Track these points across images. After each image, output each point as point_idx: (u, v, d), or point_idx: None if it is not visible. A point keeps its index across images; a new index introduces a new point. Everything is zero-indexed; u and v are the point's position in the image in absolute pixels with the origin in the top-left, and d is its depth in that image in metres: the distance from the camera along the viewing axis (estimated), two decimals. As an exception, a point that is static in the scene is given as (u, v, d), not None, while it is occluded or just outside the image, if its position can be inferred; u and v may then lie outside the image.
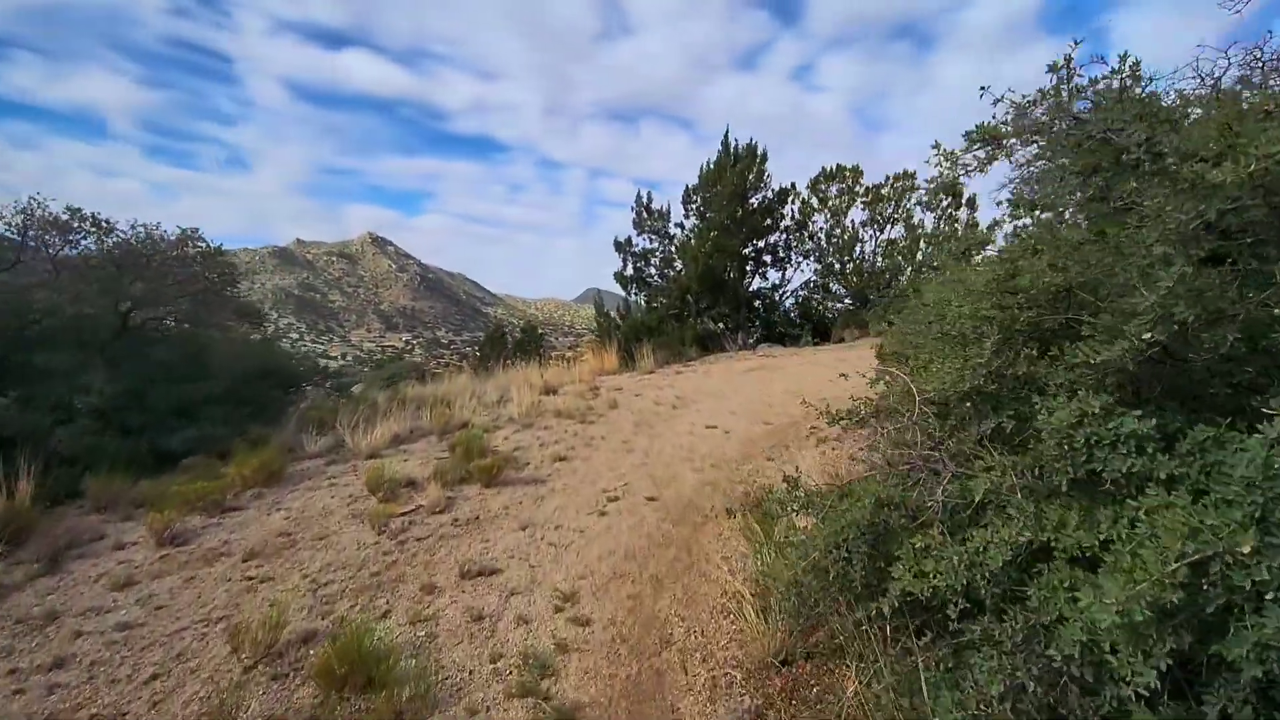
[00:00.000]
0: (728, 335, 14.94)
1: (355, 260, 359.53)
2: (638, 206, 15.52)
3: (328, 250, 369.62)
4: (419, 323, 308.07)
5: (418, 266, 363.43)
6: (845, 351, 12.32)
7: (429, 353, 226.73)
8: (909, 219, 16.50)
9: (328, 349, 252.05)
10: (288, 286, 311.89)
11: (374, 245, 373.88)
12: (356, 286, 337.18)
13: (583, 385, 10.02)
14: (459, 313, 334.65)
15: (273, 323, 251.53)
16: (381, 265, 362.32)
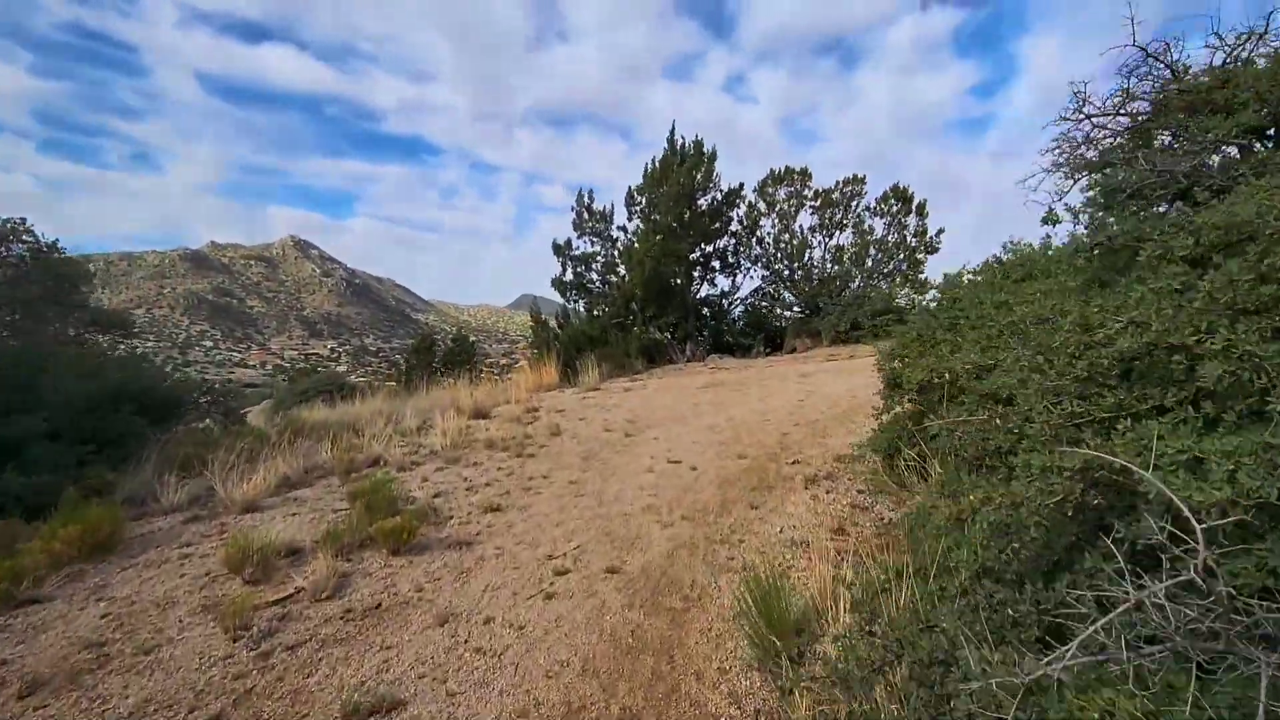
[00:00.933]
0: (675, 346, 13.98)
1: (276, 264, 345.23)
2: (578, 207, 14.39)
3: (246, 254, 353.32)
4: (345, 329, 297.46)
5: (344, 271, 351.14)
6: (801, 364, 11.54)
7: (356, 360, 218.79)
8: (859, 224, 16.02)
9: (246, 358, 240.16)
10: (200, 291, 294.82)
11: (297, 249, 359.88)
12: (277, 292, 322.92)
13: (519, 406, 8.81)
14: (388, 319, 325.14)
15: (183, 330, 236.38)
16: (305, 269, 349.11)
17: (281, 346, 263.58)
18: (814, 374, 9.28)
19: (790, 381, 8.86)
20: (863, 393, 7.49)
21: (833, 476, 4.87)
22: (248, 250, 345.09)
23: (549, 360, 12.51)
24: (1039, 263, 4.70)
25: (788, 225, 16.35)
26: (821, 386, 8.18)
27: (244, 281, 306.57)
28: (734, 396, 8.25)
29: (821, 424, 6.31)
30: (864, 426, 6.07)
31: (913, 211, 15.87)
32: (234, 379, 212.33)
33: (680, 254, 13.26)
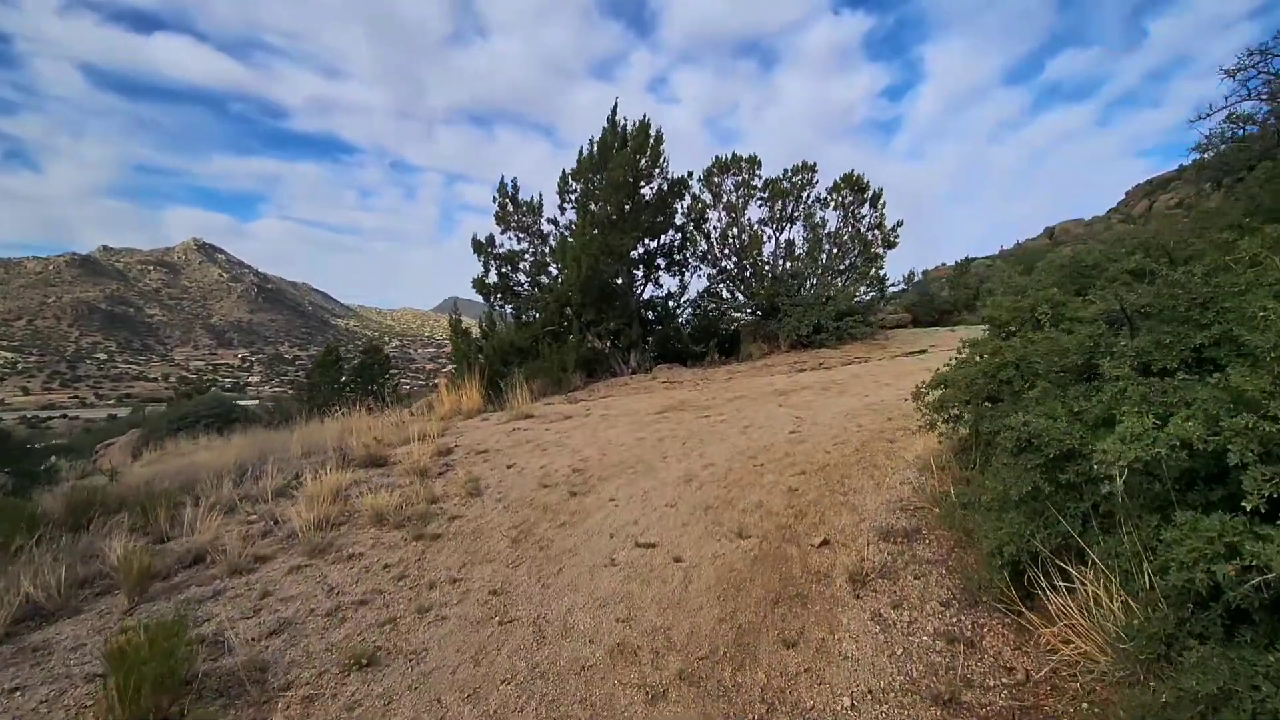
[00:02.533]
0: (618, 356, 12.23)
1: (178, 270, 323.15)
2: (501, 198, 12.43)
3: (143, 259, 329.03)
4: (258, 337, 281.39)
5: (254, 276, 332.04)
6: (767, 375, 10.01)
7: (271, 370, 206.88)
8: (810, 217, 14.69)
9: (146, 369, 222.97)
10: (92, 300, 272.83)
11: (201, 253, 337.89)
12: (180, 298, 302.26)
13: (429, 445, 6.86)
14: (304, 325, 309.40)
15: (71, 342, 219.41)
16: (210, 275, 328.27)
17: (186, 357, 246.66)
18: (793, 392, 7.73)
19: (768, 403, 7.27)
20: (868, 418, 5.97)
21: (890, 570, 3.25)
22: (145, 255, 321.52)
23: (470, 379, 10.55)
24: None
25: (736, 218, 14.86)
26: (810, 410, 6.62)
27: (142, 288, 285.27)
28: (704, 426, 6.57)
29: (835, 471, 4.71)
30: (893, 474, 4.51)
31: (867, 202, 14.69)
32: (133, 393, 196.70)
33: (622, 250, 11.53)
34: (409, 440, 7.41)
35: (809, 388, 7.83)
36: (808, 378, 8.73)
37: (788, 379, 8.87)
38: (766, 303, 13.07)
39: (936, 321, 15.78)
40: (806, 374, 9.26)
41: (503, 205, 12.44)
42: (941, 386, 4.19)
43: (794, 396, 7.43)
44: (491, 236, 12.39)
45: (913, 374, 7.76)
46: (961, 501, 3.18)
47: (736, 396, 7.97)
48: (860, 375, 8.23)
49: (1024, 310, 3.63)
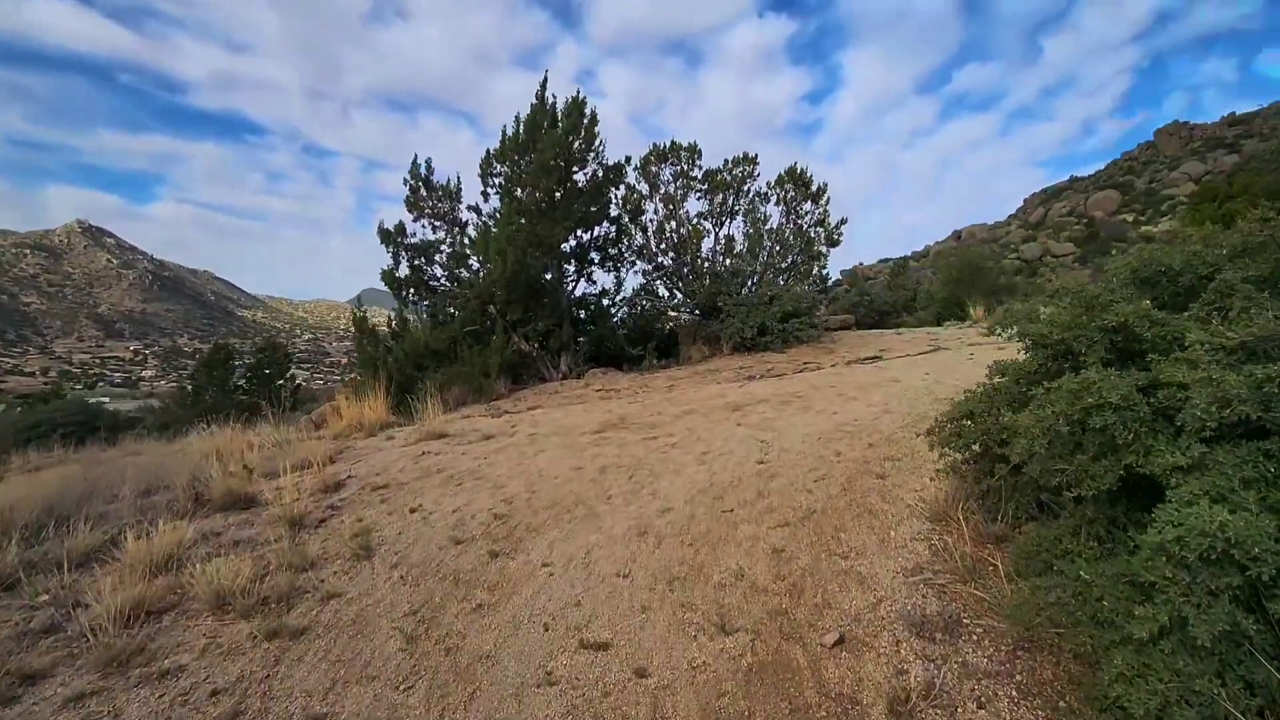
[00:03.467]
0: (547, 359, 11.07)
1: (60, 254, 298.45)
2: (413, 180, 10.99)
3: (18, 241, 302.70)
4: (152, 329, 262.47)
5: (149, 263, 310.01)
6: (714, 383, 9.11)
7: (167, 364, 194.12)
8: (752, 212, 13.94)
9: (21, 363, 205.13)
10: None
11: (86, 236, 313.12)
12: (62, 286, 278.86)
13: (314, 477, 5.56)
14: (206, 316, 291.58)
15: None
16: (98, 260, 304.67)
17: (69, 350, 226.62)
18: (749, 406, 6.82)
19: (723, 421, 6.31)
20: (844, 443, 5.10)
21: (940, 693, 2.32)
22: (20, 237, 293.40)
23: (376, 387, 9.16)
24: None
25: (674, 211, 13.94)
26: (775, 432, 5.70)
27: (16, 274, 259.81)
28: (653, 452, 5.54)
29: (824, 520, 3.78)
30: (898, 524, 3.63)
31: (810, 198, 14.08)
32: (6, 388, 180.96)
33: (552, 242, 10.35)
34: (291, 469, 6.05)
35: (766, 401, 6.94)
36: (761, 388, 7.86)
37: (739, 389, 7.98)
38: (707, 302, 12.20)
39: (877, 323, 15.44)
40: (758, 383, 8.41)
41: (414, 189, 11.01)
42: (968, 419, 3.33)
43: (751, 412, 6.52)
44: (402, 224, 10.94)
45: (877, 385, 7.01)
46: (1047, 604, 2.27)
47: (685, 411, 6.99)
48: (819, 386, 7.43)
49: (1093, 331, 2.78)
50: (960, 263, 15.52)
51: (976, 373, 7.26)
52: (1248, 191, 14.96)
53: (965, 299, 13.98)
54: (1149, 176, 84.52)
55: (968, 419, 3.36)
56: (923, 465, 4.40)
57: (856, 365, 8.93)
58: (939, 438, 3.40)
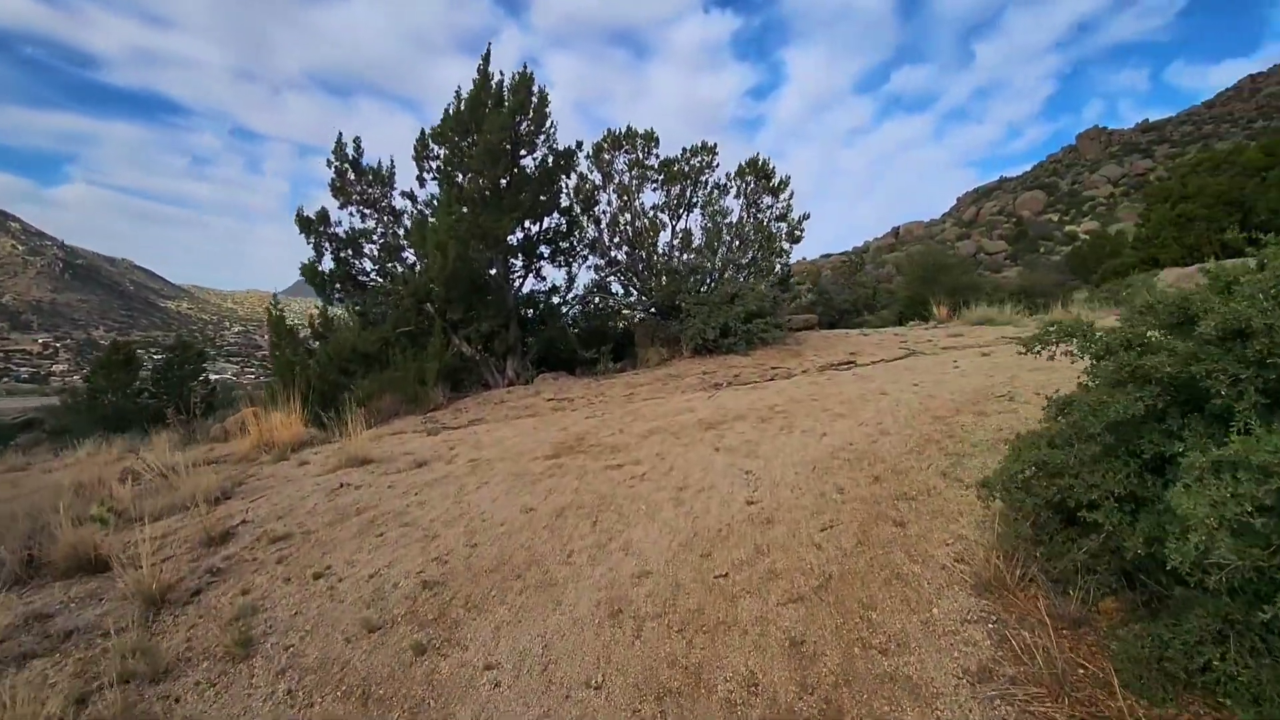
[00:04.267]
0: (492, 364, 10.05)
1: None
2: (339, 161, 9.75)
3: None
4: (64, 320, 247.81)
5: (59, 249, 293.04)
6: (679, 393, 8.30)
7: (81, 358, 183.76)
8: (711, 205, 13.18)
9: None
10: None
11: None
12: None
13: (198, 521, 4.49)
14: (125, 307, 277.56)
15: None
16: (2, 246, 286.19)
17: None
18: (723, 424, 6.01)
19: (697, 443, 5.48)
20: (844, 474, 4.34)
21: None
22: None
23: (292, 397, 8.00)
24: None
25: (629, 202, 13.05)
26: (760, 459, 4.90)
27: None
28: (619, 485, 4.66)
29: (845, 590, 3.00)
30: (941, 597, 2.87)
31: (771, 191, 13.41)
32: None
33: (498, 234, 9.32)
34: (171, 509, 4.95)
35: (743, 417, 6.15)
36: (733, 400, 7.08)
37: (709, 401, 7.18)
38: (665, 300, 11.37)
39: (836, 322, 14.95)
40: (728, 393, 7.62)
41: (341, 173, 9.78)
42: (1043, 472, 2.58)
43: (728, 432, 5.71)
44: (325, 211, 9.70)
45: (864, 399, 6.32)
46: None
47: (651, 429, 6.13)
48: (799, 399, 6.69)
49: (1239, 365, 2.05)
50: (924, 261, 15.18)
51: (970, 383, 6.67)
52: (1202, 194, 15.11)
53: (929, 298, 13.61)
54: (1071, 178, 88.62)
55: (1041, 472, 2.62)
56: (944, 508, 3.68)
57: (832, 372, 8.26)
58: (1006, 496, 2.66)
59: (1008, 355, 7.81)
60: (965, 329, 11.14)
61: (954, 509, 3.65)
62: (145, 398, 17.02)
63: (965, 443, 4.64)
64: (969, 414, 5.29)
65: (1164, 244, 15.31)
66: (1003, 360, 7.47)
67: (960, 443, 4.66)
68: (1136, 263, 15.64)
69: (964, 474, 4.10)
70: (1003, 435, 4.68)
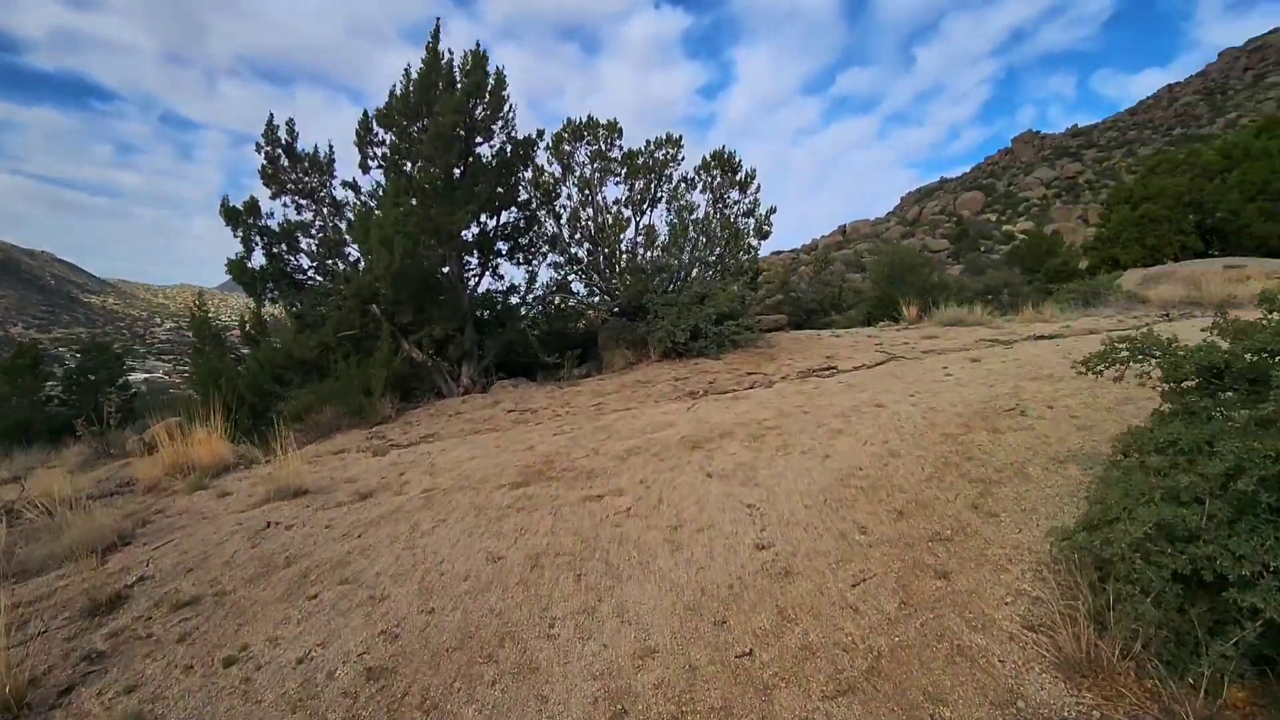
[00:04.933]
0: (445, 371, 9.22)
1: None
2: (269, 145, 8.75)
3: None
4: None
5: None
6: (651, 403, 7.68)
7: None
8: (677, 199, 12.59)
9: None
10: None
11: None
12: None
13: (78, 581, 3.64)
14: (45, 302, 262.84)
15: None
16: None
17: None
18: (709, 442, 5.40)
19: (684, 467, 4.85)
20: (865, 509, 3.79)
21: None
22: None
23: (215, 410, 7.06)
24: None
25: (591, 196, 12.34)
26: (760, 487, 4.30)
27: None
28: (600, 522, 4.00)
29: (893, 668, 2.43)
30: (1023, 682, 2.33)
31: (737, 185, 12.91)
32: None
33: (452, 229, 8.48)
34: (52, 561, 4.08)
35: (731, 434, 5.55)
36: (716, 412, 6.48)
37: (688, 413, 6.57)
38: (632, 301, 10.72)
39: (804, 322, 14.58)
40: (707, 403, 7.04)
41: (272, 158, 8.77)
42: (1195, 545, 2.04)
43: (717, 452, 5.11)
44: (255, 202, 8.68)
45: (859, 411, 5.81)
46: None
47: (629, 449, 5.47)
48: (788, 412, 6.14)
49: None
50: (892, 260, 14.93)
51: (970, 394, 6.13)
52: (1163, 195, 15.31)
53: (898, 298, 13.33)
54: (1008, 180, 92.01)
55: (1162, 535, 2.08)
56: (988, 552, 3.16)
57: (816, 380, 7.76)
58: (1119, 569, 2.11)
59: (998, 361, 7.45)
60: (938, 330, 10.85)
61: (1000, 554, 3.13)
62: (55, 405, 15.46)
63: (988, 467, 4.15)
64: (981, 431, 4.83)
65: (1125, 244, 15.50)
66: (996, 366, 7.09)
67: (982, 466, 4.17)
68: (1098, 263, 15.80)
69: (997, 506, 3.61)
70: (1027, 457, 4.22)
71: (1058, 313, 11.17)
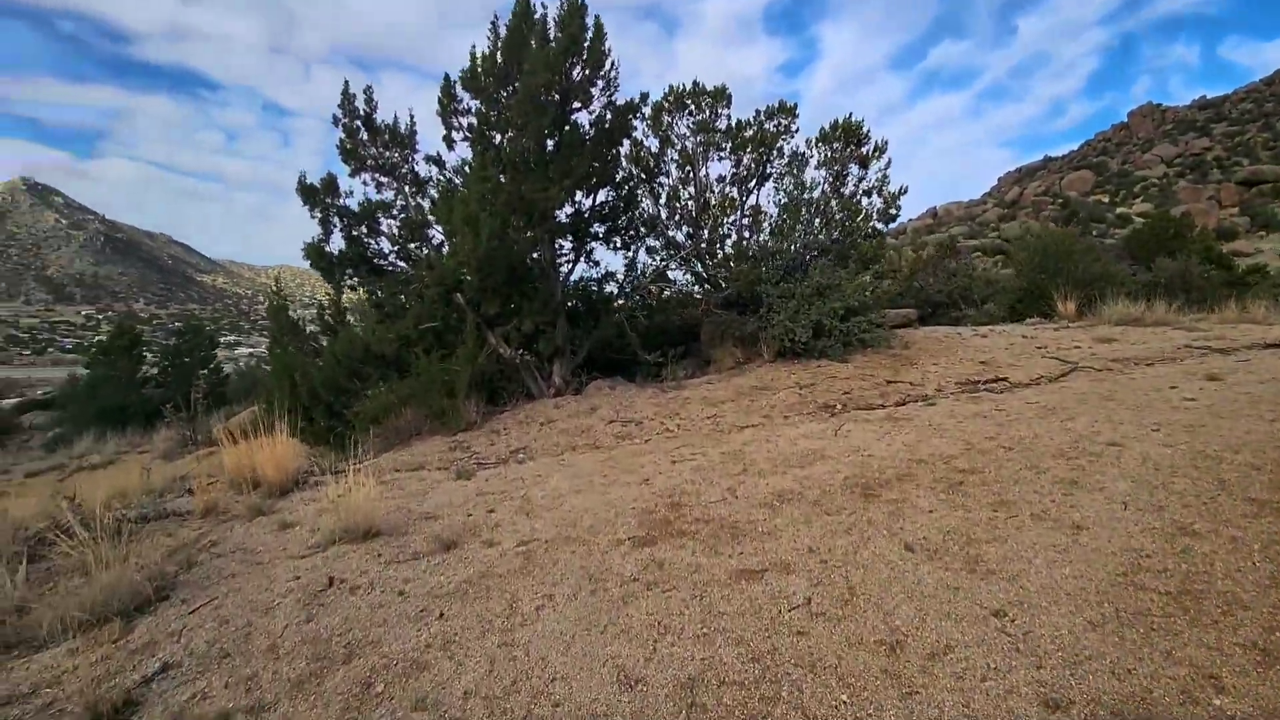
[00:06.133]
0: (535, 369, 8.22)
1: (3, 213, 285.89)
2: (348, 117, 7.92)
3: None
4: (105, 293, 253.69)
5: (101, 223, 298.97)
6: (787, 416, 6.40)
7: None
8: (792, 175, 11.11)
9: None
10: None
11: (31, 194, 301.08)
12: (6, 246, 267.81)
13: (100, 647, 2.71)
14: (163, 281, 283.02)
15: None
16: (46, 220, 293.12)
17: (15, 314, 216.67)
18: (887, 489, 4.08)
19: (864, 525, 3.57)
20: (1184, 641, 2.41)
21: None
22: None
23: (283, 411, 6.27)
24: None
25: (693, 173, 11.05)
26: (997, 572, 3.00)
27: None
28: (769, 624, 2.80)
29: None
30: None
31: (860, 159, 11.28)
32: None
33: (545, 208, 7.42)
34: (67, 627, 3.24)
35: (910, 478, 4.21)
36: (873, 438, 5.13)
37: (837, 439, 5.24)
38: (744, 291, 9.38)
39: (928, 317, 12.84)
40: (856, 424, 5.68)
41: (350, 131, 7.94)
42: None
43: (905, 508, 3.78)
44: (333, 178, 7.89)
45: (1088, 451, 4.34)
46: None
47: (777, 491, 4.23)
48: (978, 445, 4.71)
49: None
50: (1044, 245, 12.85)
51: (1239, 430, 4.36)
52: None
53: (1051, 290, 11.42)
54: (1122, 157, 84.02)
55: None
56: None
57: (989, 396, 6.26)
58: None
59: (1246, 376, 5.72)
60: (1113, 332, 9.00)
61: None
62: (152, 386, 15.62)
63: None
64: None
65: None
66: (1252, 388, 5.39)
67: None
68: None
69: None
70: None
71: (1268, 312, 9.08)
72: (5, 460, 13.61)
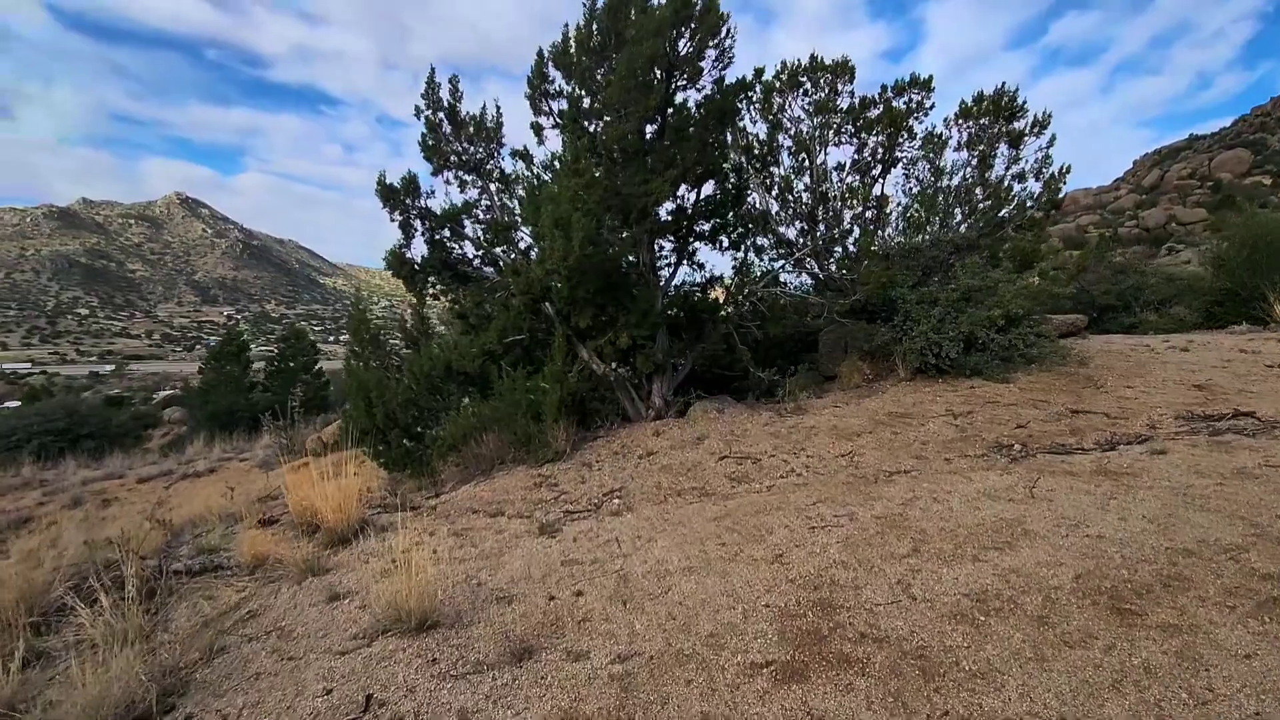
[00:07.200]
0: (632, 388, 7.23)
1: (160, 224, 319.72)
2: (431, 108, 7.22)
3: (124, 212, 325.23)
4: (242, 295, 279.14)
5: (239, 232, 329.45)
6: (947, 459, 5.08)
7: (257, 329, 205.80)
8: (930, 159, 9.56)
9: (129, 326, 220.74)
10: (72, 253, 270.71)
11: (184, 207, 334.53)
12: (163, 253, 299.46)
13: None
14: (291, 283, 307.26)
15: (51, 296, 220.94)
16: (194, 230, 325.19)
17: (170, 314, 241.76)
18: (1160, 609, 2.79)
19: (1130, 670, 2.32)
20: None
21: None
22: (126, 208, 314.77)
23: (364, 433, 5.57)
24: None
25: (809, 161, 9.72)
26: None
27: (123, 243, 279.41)
28: None
29: None
30: None
31: (1011, 137, 9.54)
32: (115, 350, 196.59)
33: (645, 204, 6.41)
34: None
35: (1187, 586, 2.87)
36: (1093, 505, 3.75)
37: (1037, 505, 3.88)
38: (875, 295, 7.98)
39: (1093, 323, 10.85)
40: (1053, 477, 4.28)
41: (433, 125, 7.24)
42: None
43: (1210, 653, 2.47)
44: (414, 178, 7.22)
45: None
46: None
47: (972, 592, 2.99)
48: (1273, 530, 3.27)
49: None
50: (1251, 237, 10.46)
51: None
52: None
53: (1266, 291, 9.23)
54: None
55: None
56: None
57: (1244, 442, 4.66)
58: None
59: None
60: (1370, 344, 6.94)
61: None
62: (260, 391, 15.99)
63: None
64: None
65: None
66: None
67: None
68: None
69: None
70: None
71: None
72: (125, 462, 14.23)
